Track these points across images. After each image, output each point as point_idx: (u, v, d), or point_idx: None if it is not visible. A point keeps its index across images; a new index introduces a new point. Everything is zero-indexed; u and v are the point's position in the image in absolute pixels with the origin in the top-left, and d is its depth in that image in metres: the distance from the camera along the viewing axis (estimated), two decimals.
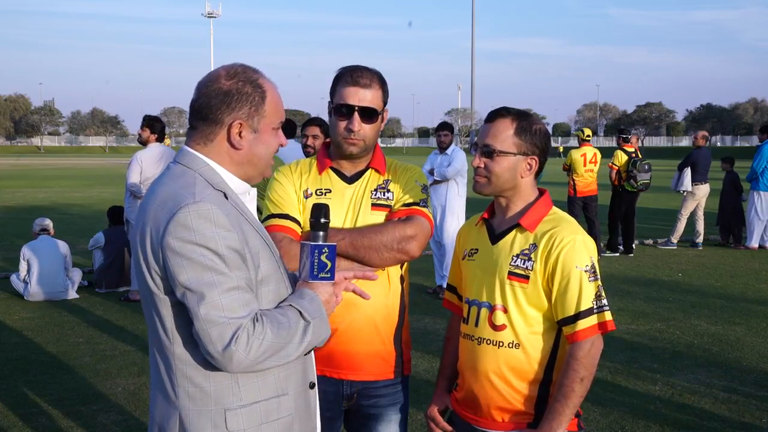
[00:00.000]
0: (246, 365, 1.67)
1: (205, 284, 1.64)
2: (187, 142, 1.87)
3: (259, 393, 1.78)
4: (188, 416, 1.75)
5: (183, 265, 1.64)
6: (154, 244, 1.69)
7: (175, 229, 1.65)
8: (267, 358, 1.70)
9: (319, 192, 2.44)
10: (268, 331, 1.68)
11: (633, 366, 5.63)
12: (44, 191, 24.15)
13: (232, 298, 1.66)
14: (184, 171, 1.79)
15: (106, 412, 4.69)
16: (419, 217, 2.40)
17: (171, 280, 1.68)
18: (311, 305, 1.81)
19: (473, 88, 49.40)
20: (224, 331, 1.63)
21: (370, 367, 2.43)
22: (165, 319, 1.74)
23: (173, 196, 1.71)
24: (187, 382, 1.75)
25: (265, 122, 1.84)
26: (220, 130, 1.80)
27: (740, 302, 7.84)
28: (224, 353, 1.64)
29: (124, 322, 6.96)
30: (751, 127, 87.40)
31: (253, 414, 1.76)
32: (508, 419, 2.22)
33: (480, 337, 2.24)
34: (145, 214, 1.75)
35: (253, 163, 1.86)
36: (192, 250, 1.64)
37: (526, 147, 2.21)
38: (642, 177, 10.96)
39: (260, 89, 1.82)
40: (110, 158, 65.59)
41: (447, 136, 8.20)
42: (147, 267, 1.72)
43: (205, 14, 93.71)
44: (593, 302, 2.13)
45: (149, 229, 1.71)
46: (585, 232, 2.21)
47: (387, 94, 2.43)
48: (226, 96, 1.78)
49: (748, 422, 4.54)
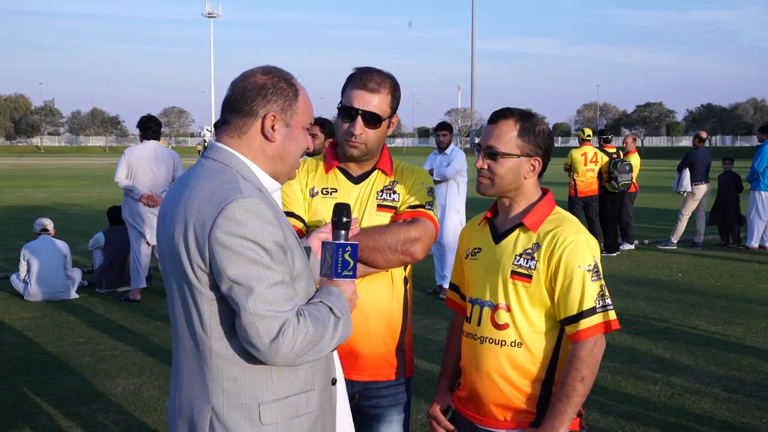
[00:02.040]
0: (291, 358, 1.70)
1: (253, 278, 1.67)
2: (219, 137, 1.88)
3: (290, 387, 1.81)
4: (222, 410, 1.77)
5: (232, 259, 1.67)
6: (200, 239, 1.70)
7: (225, 223, 1.67)
8: (307, 352, 1.73)
9: (324, 191, 2.43)
10: (310, 326, 1.72)
11: (633, 366, 5.63)
12: (44, 191, 24.14)
13: (278, 292, 1.69)
14: (222, 168, 1.81)
15: (106, 412, 4.69)
16: (424, 219, 2.40)
17: (217, 274, 1.69)
18: (339, 302, 1.85)
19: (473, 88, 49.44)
20: (272, 325, 1.67)
21: (372, 368, 2.43)
22: (204, 315, 1.76)
23: (218, 192, 1.72)
24: (223, 376, 1.77)
25: (297, 118, 1.87)
26: (254, 121, 1.83)
27: (740, 302, 7.84)
28: (271, 346, 1.67)
29: (124, 322, 6.96)
30: (751, 127, 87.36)
31: (285, 408, 1.80)
32: (510, 418, 2.22)
33: (482, 336, 2.24)
34: (185, 210, 1.74)
35: (284, 159, 1.88)
36: (240, 244, 1.67)
37: (529, 148, 2.21)
38: (623, 178, 11.00)
39: (294, 87, 1.87)
40: (110, 158, 65.53)
41: (446, 135, 8.18)
42: (190, 261, 1.72)
43: (205, 14, 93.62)
44: (596, 301, 2.13)
45: (193, 223, 1.71)
46: (588, 232, 2.21)
47: (397, 99, 2.39)
48: (261, 89, 1.82)
49: (748, 422, 4.54)
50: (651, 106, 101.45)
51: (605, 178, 11.15)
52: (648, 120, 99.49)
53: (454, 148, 8.15)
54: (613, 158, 11.17)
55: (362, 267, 2.31)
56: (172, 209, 1.79)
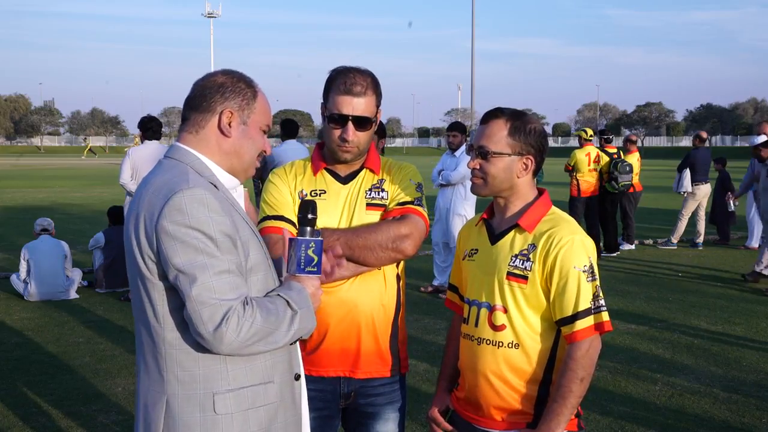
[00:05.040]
0: (236, 346, 1.72)
1: (197, 267, 1.69)
2: (179, 135, 1.94)
3: (246, 378, 1.83)
4: (176, 400, 1.79)
5: (176, 248, 1.70)
6: (148, 230, 1.74)
7: (170, 212, 1.70)
8: (255, 342, 1.75)
9: (314, 193, 2.44)
10: (258, 315, 1.74)
11: (633, 366, 5.63)
12: (44, 191, 24.14)
13: (223, 280, 1.72)
14: (176, 164, 1.86)
15: (106, 412, 4.69)
16: (414, 215, 2.41)
17: (164, 263, 1.73)
18: (298, 296, 1.87)
19: (473, 88, 49.34)
20: (215, 312, 1.69)
21: (367, 366, 2.44)
22: (156, 304, 1.79)
23: (167, 183, 1.77)
24: (177, 366, 1.79)
25: (254, 118, 1.92)
26: (212, 117, 1.89)
27: (740, 302, 7.85)
28: (215, 333, 1.69)
29: (124, 322, 6.96)
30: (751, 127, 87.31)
31: (240, 398, 1.81)
32: (507, 419, 2.22)
33: (480, 337, 2.24)
34: (138, 203, 1.80)
35: (240, 156, 1.92)
36: (185, 233, 1.70)
37: (520, 147, 2.21)
38: (623, 178, 11.00)
39: (253, 88, 1.93)
40: (110, 158, 65.56)
41: (456, 137, 8.02)
42: (140, 253, 1.76)
43: (205, 14, 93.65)
44: (591, 302, 2.13)
45: (143, 215, 1.76)
46: (584, 232, 2.21)
47: (380, 96, 2.42)
48: (220, 87, 1.89)
49: (748, 422, 4.54)
50: (651, 106, 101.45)
51: (605, 178, 11.16)
52: (648, 120, 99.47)
53: (463, 151, 7.91)
54: (614, 158, 11.17)
55: (354, 266, 2.33)
56: (133, 204, 1.84)
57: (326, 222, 2.38)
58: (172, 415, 1.79)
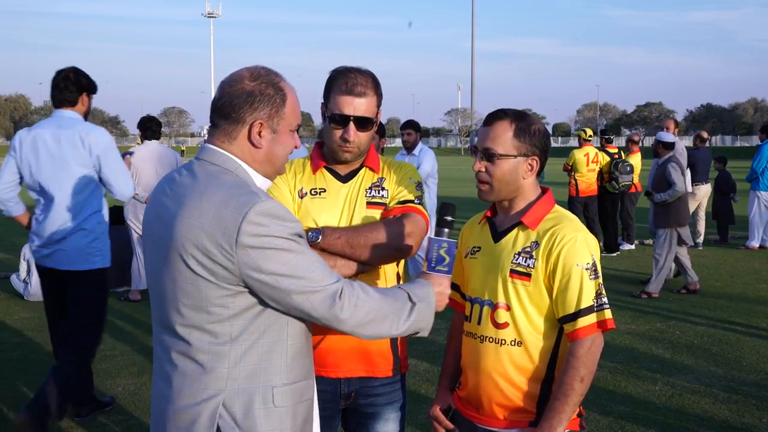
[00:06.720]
0: (357, 320, 1.82)
1: (292, 265, 1.76)
2: (210, 139, 1.92)
3: (300, 373, 1.90)
4: (236, 395, 1.81)
5: (268, 256, 1.74)
6: (222, 243, 1.73)
7: (250, 227, 1.73)
8: (371, 321, 1.84)
9: (313, 191, 2.43)
10: (373, 293, 1.85)
11: (633, 366, 5.63)
12: None
13: (320, 269, 1.80)
14: (223, 171, 1.85)
15: (106, 412, 4.68)
16: (414, 214, 2.41)
17: (247, 271, 1.74)
18: (420, 290, 1.95)
19: (473, 88, 49.41)
20: (325, 297, 1.79)
21: (367, 365, 2.43)
22: (217, 305, 1.78)
23: (233, 196, 1.76)
24: (239, 362, 1.81)
25: (284, 124, 1.92)
26: (242, 128, 1.88)
27: (740, 302, 7.85)
28: (331, 311, 1.79)
29: (124, 322, 6.96)
30: (751, 127, 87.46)
31: (294, 392, 1.89)
32: (510, 417, 2.22)
33: (482, 335, 2.24)
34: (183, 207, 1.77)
35: (272, 162, 1.95)
36: (270, 242, 1.74)
37: (526, 148, 2.21)
38: (624, 178, 11.00)
39: (281, 92, 1.90)
40: None
41: (411, 135, 7.57)
42: (211, 260, 1.74)
43: (205, 14, 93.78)
44: (594, 300, 2.13)
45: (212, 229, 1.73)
46: (587, 230, 2.21)
47: (381, 96, 2.41)
48: (249, 96, 1.86)
49: (748, 422, 4.55)
50: (651, 106, 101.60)
51: (605, 178, 11.16)
52: (648, 120, 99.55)
53: (422, 149, 7.59)
54: (614, 158, 11.18)
55: (355, 265, 2.31)
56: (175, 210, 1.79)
57: (327, 221, 2.38)
58: (231, 410, 1.80)
